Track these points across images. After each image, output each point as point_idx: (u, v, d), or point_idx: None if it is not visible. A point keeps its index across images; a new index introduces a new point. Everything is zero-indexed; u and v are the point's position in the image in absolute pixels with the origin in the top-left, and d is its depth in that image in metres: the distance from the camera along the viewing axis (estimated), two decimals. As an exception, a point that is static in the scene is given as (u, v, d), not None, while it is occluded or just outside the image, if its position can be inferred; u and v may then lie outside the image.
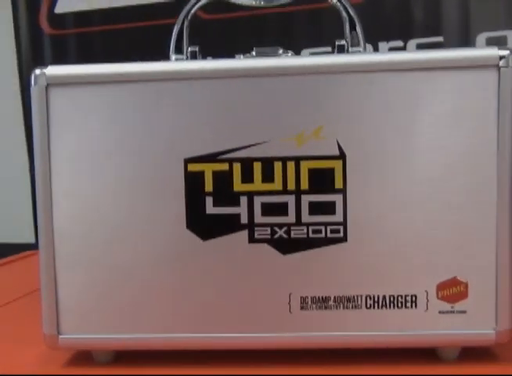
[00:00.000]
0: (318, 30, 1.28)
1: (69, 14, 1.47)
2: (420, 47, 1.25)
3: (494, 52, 0.41)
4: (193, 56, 0.47)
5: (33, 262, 0.83)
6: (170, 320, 0.44)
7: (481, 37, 1.22)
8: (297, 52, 1.24)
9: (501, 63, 0.41)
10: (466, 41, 1.22)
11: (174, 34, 0.49)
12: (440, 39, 1.25)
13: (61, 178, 0.43)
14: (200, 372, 0.43)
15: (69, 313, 0.44)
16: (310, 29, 1.29)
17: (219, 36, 1.31)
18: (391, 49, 1.24)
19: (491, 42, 1.20)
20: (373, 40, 1.25)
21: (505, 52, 0.41)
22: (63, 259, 0.44)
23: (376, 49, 1.24)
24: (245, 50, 0.47)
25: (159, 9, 1.37)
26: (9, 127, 1.45)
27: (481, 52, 0.42)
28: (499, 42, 1.18)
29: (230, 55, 1.07)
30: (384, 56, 0.43)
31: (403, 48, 1.25)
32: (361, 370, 0.42)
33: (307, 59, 0.43)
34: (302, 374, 0.42)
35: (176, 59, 0.47)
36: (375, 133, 0.42)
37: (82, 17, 1.45)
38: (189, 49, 0.48)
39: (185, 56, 0.48)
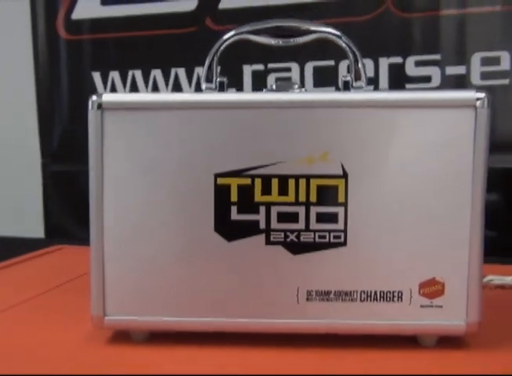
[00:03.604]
0: (320, 47, 1.33)
1: (85, 20, 1.52)
2: (419, 64, 1.30)
3: (472, 94, 0.50)
4: (221, 86, 0.56)
5: (58, 256, 0.92)
6: (197, 306, 0.53)
7: (476, 57, 1.25)
8: (302, 65, 1.27)
9: (477, 104, 0.50)
10: (462, 60, 1.27)
11: (205, 66, 0.57)
12: (437, 57, 1.29)
13: (112, 188, 0.52)
14: (219, 350, 0.52)
15: (113, 298, 0.53)
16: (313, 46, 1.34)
17: (227, 47, 1.37)
18: (391, 65, 1.29)
19: (485, 62, 1.25)
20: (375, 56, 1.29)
21: (481, 95, 0.50)
22: (109, 253, 0.53)
23: (377, 64, 1.30)
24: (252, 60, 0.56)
25: (174, 18, 1.42)
26: (24, 131, 1.49)
27: (462, 94, 0.51)
28: (493, 62, 1.24)
29: (237, 64, 1.15)
30: (381, 94, 0.52)
31: (402, 65, 1.30)
32: (354, 352, 0.51)
33: (317, 95, 0.52)
34: (305, 355, 0.51)
35: (206, 88, 0.56)
36: (372, 158, 0.51)
37: (98, 24, 1.49)
38: (218, 80, 0.56)
39: (214, 85, 0.57)
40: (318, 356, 0.51)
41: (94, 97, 0.52)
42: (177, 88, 1.34)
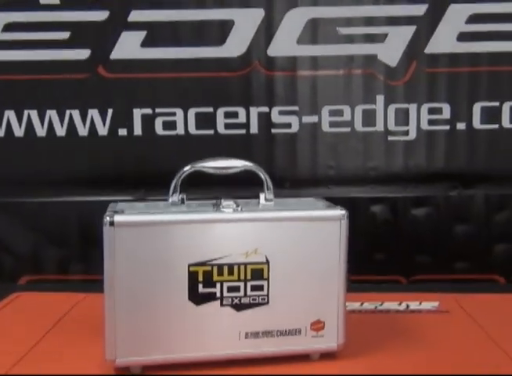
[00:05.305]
0: (204, 93, 1.53)
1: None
2: (281, 113, 1.59)
3: (338, 211, 0.86)
4: (182, 200, 0.87)
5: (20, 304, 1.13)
6: (176, 347, 0.83)
7: (325, 109, 1.51)
8: (186, 110, 1.44)
9: (341, 217, 0.86)
10: (315, 111, 1.58)
11: (172, 185, 0.87)
12: (296, 108, 1.58)
13: (121, 275, 0.81)
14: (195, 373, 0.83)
15: (121, 346, 0.82)
16: (199, 92, 1.53)
17: (118, 93, 1.51)
18: (260, 113, 1.54)
19: (332, 113, 1.53)
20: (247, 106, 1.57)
21: (343, 212, 0.86)
22: (119, 318, 0.81)
23: (248, 113, 1.58)
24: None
25: (69, 65, 1.51)
26: None
27: (332, 211, 0.86)
28: (338, 114, 1.56)
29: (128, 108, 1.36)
30: (283, 213, 0.85)
31: (268, 113, 1.59)
32: (274, 366, 0.85)
33: (247, 214, 0.84)
34: (246, 370, 0.84)
35: (172, 202, 0.87)
36: (283, 252, 0.84)
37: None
38: (180, 196, 0.87)
39: (177, 198, 0.87)
40: (253, 370, 0.84)
41: (107, 217, 0.80)
42: (72, 128, 1.51)
